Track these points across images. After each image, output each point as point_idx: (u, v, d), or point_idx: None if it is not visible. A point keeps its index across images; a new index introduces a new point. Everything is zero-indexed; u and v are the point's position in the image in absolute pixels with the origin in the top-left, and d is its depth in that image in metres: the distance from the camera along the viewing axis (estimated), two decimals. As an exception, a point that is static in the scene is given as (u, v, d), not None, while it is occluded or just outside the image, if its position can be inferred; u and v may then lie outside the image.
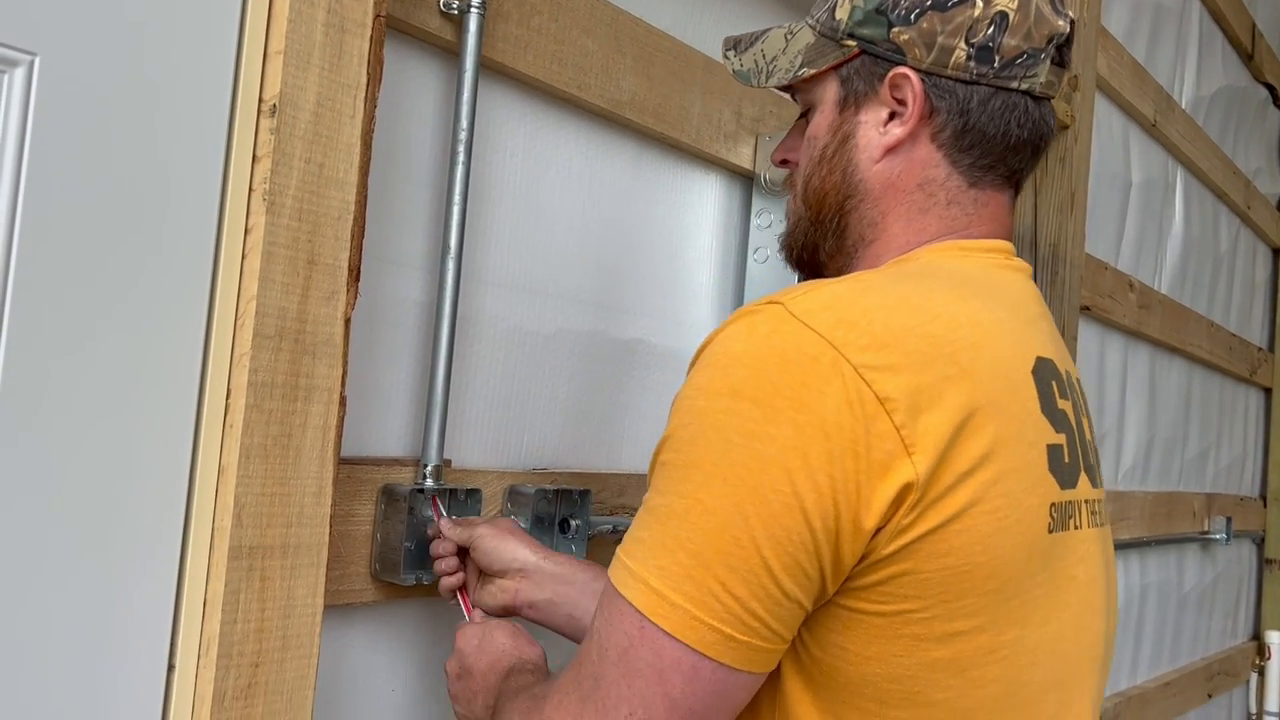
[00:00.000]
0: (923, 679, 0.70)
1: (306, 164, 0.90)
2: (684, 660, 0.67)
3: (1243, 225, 3.70)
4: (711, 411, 0.69)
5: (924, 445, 0.67)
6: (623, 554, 0.72)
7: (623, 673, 0.68)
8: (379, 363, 1.09)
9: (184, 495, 0.86)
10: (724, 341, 0.72)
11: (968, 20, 0.80)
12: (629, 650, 0.68)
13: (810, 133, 0.87)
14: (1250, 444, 3.91)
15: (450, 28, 1.11)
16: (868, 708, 0.71)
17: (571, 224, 1.30)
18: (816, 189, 0.86)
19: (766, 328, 0.71)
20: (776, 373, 0.68)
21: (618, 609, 0.69)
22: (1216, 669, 3.45)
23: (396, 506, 1.05)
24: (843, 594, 0.70)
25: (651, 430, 1.42)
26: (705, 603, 0.67)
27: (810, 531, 0.67)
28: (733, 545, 0.66)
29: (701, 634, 0.67)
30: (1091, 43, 2.25)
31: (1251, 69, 3.67)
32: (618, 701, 0.68)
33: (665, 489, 0.70)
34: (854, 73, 0.84)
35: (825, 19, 0.85)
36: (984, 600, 0.70)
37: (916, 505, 0.67)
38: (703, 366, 0.73)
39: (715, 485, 0.67)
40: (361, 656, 1.09)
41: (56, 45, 0.77)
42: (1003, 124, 0.81)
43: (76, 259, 0.79)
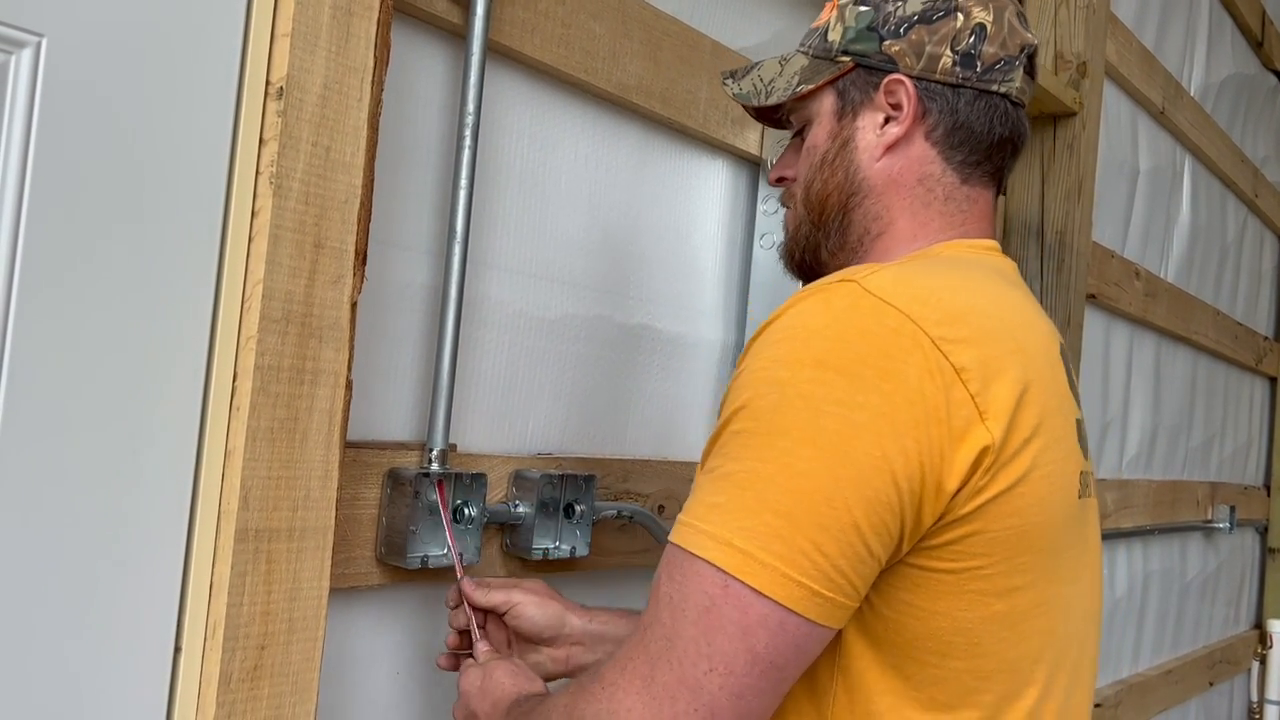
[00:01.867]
0: (981, 631, 0.76)
1: (313, 147, 0.90)
2: (771, 616, 0.70)
3: (1250, 213, 3.69)
4: (795, 381, 0.73)
5: (995, 412, 0.74)
6: (694, 520, 0.74)
7: (702, 630, 0.70)
8: (385, 347, 1.09)
9: (190, 478, 0.86)
10: (800, 315, 0.76)
11: (951, 31, 0.88)
12: (710, 609, 0.70)
13: (810, 143, 0.94)
14: (1255, 433, 3.91)
15: (457, 11, 1.11)
16: (929, 660, 0.76)
17: (578, 209, 1.30)
18: (819, 192, 0.92)
19: (844, 302, 0.75)
20: (860, 344, 0.73)
21: (695, 571, 0.72)
22: (1218, 657, 3.46)
23: (402, 490, 1.05)
24: (914, 553, 0.74)
25: (657, 415, 1.42)
26: (795, 561, 0.70)
27: (898, 493, 0.71)
28: (825, 506, 0.70)
29: (790, 590, 0.70)
30: (1100, 29, 2.24)
31: (1261, 56, 3.65)
32: (696, 658, 0.70)
33: (743, 455, 0.73)
34: (850, 84, 0.91)
35: (817, 43, 0.94)
36: (1036, 558, 0.77)
37: (991, 468, 0.73)
38: (778, 341, 0.76)
39: (806, 450, 0.71)
40: (367, 639, 1.09)
41: (63, 27, 0.77)
42: (987, 122, 0.89)
43: (83, 242, 0.79)
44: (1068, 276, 2.15)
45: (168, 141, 0.83)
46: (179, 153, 0.84)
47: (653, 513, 1.37)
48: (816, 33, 0.95)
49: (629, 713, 0.72)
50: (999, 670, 0.78)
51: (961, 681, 0.77)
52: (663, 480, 1.40)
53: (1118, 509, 2.71)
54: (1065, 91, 2.12)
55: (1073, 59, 2.18)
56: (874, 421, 0.71)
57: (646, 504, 1.37)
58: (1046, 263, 2.16)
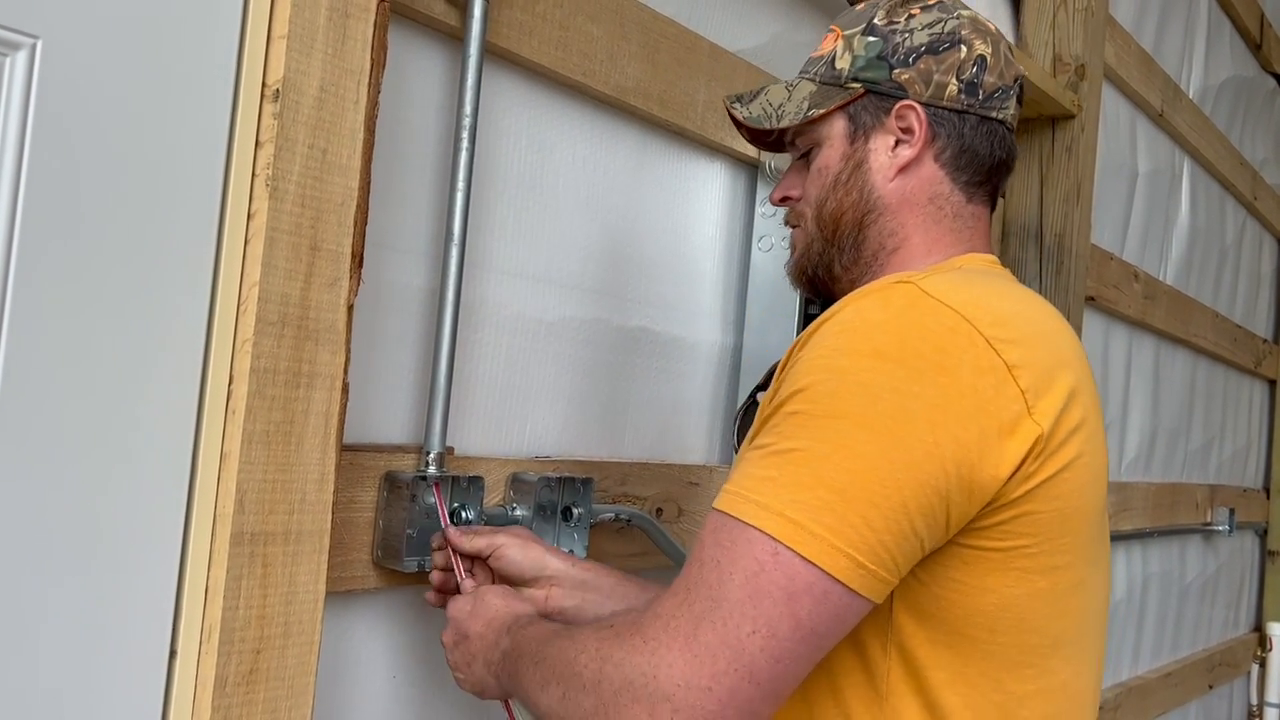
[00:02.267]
0: (1026, 607, 0.81)
1: (310, 149, 0.89)
2: (817, 584, 0.74)
3: (1249, 216, 3.68)
4: (855, 370, 0.78)
5: (1042, 408, 0.79)
6: (745, 491, 0.77)
7: (749, 594, 0.74)
8: (382, 349, 1.08)
9: (186, 481, 0.86)
10: (860, 311, 0.82)
11: (956, 61, 0.95)
12: (759, 574, 0.74)
13: (820, 164, 0.99)
14: (1254, 435, 3.90)
15: (455, 13, 1.10)
16: (978, 635, 0.81)
17: (575, 211, 1.30)
18: (833, 210, 0.97)
19: (903, 300, 0.81)
20: (917, 339, 0.78)
21: (745, 538, 0.75)
22: (1218, 660, 3.45)
23: (399, 493, 1.04)
24: (964, 534, 0.79)
25: (655, 418, 1.42)
26: (844, 533, 0.74)
27: (947, 480, 0.76)
28: (877, 485, 0.74)
29: (837, 560, 0.74)
30: (1099, 31, 2.24)
31: (1260, 59, 3.65)
32: (740, 620, 0.74)
33: (799, 435, 0.77)
34: (861, 109, 0.97)
35: (824, 71, 0.99)
36: (1075, 540, 0.83)
37: (1040, 455, 0.79)
38: (838, 333, 0.81)
39: (861, 433, 0.75)
40: (363, 643, 1.09)
41: (59, 28, 0.77)
42: (988, 146, 0.96)
43: (78, 244, 0.79)
44: (1066, 279, 2.15)
45: (163, 144, 0.83)
46: (174, 155, 0.84)
47: (651, 516, 1.37)
48: (821, 60, 1.00)
49: (669, 667, 0.74)
50: (1043, 645, 0.83)
51: (1009, 655, 0.81)
52: (661, 483, 1.40)
53: (1117, 511, 2.71)
54: (1064, 94, 2.12)
55: (1071, 61, 2.18)
56: (928, 410, 0.76)
57: (644, 507, 1.37)
58: (1045, 265, 2.16)
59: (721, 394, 1.53)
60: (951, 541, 0.79)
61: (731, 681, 0.73)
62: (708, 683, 0.73)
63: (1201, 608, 3.41)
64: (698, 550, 0.79)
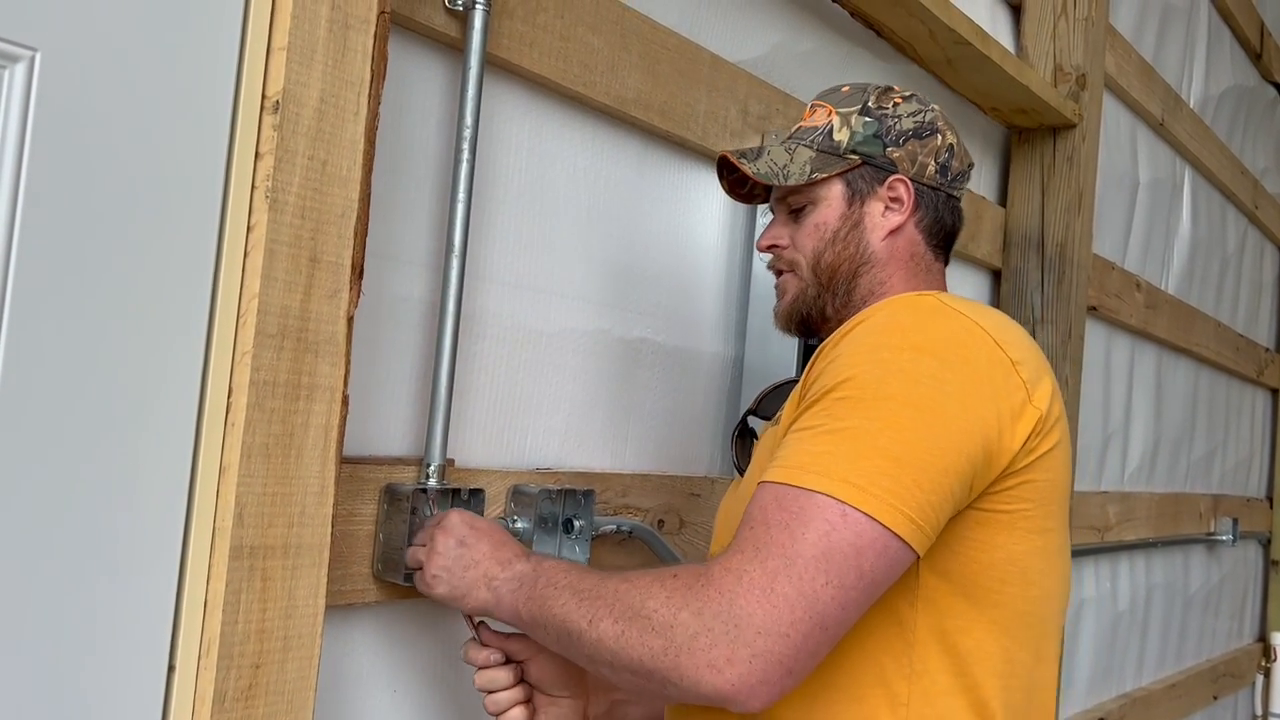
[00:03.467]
0: (1027, 562, 0.95)
1: (309, 161, 0.89)
2: (879, 540, 0.85)
3: (1250, 225, 3.68)
4: (896, 361, 0.91)
5: (1039, 395, 0.95)
6: (805, 465, 0.88)
7: (821, 551, 0.84)
8: (382, 361, 1.08)
9: (185, 495, 0.85)
10: (894, 315, 0.97)
11: (935, 147, 1.13)
12: (830, 534, 0.84)
13: (817, 221, 1.12)
14: (1257, 445, 3.90)
15: (455, 24, 1.10)
16: (991, 585, 0.94)
17: (576, 222, 1.30)
18: (830, 261, 1.11)
19: (928, 308, 0.97)
20: (944, 337, 0.94)
21: (813, 503, 0.85)
22: (1222, 671, 3.44)
23: (399, 506, 1.04)
24: (980, 499, 0.93)
25: (657, 429, 1.41)
26: (900, 495, 0.86)
27: (975, 450, 0.90)
28: (925, 454, 0.87)
29: (896, 518, 0.85)
30: (1099, 41, 2.24)
31: (1260, 68, 3.65)
32: (815, 574, 0.83)
33: (850, 416, 0.89)
34: (858, 177, 1.11)
35: (822, 141, 1.12)
36: (1059, 509, 0.99)
37: (1039, 433, 0.94)
38: (877, 331, 0.95)
39: (908, 411, 0.88)
40: (363, 657, 1.08)
41: (57, 41, 0.76)
42: (952, 219, 1.15)
43: (77, 256, 0.78)
44: (1068, 288, 2.14)
45: (163, 156, 0.83)
46: (174, 167, 0.83)
47: (652, 527, 1.36)
48: (817, 131, 1.13)
49: (750, 616, 0.82)
50: (1040, 598, 0.97)
51: (1015, 606, 0.95)
52: (662, 495, 1.39)
53: (1120, 521, 2.70)
54: (1064, 104, 2.12)
55: (1072, 71, 2.18)
56: (960, 393, 0.91)
57: (646, 519, 1.36)
58: (1047, 275, 2.15)
59: (723, 405, 1.52)
60: (970, 506, 0.92)
61: (806, 628, 0.82)
62: (785, 629, 0.82)
63: (1205, 618, 3.40)
64: (759, 516, 0.87)
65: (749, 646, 0.81)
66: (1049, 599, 0.98)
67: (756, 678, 0.81)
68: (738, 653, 0.81)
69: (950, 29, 1.74)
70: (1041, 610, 0.98)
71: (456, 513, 1.02)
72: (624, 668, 0.87)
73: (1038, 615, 0.97)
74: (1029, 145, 2.20)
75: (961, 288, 2.06)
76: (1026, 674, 0.97)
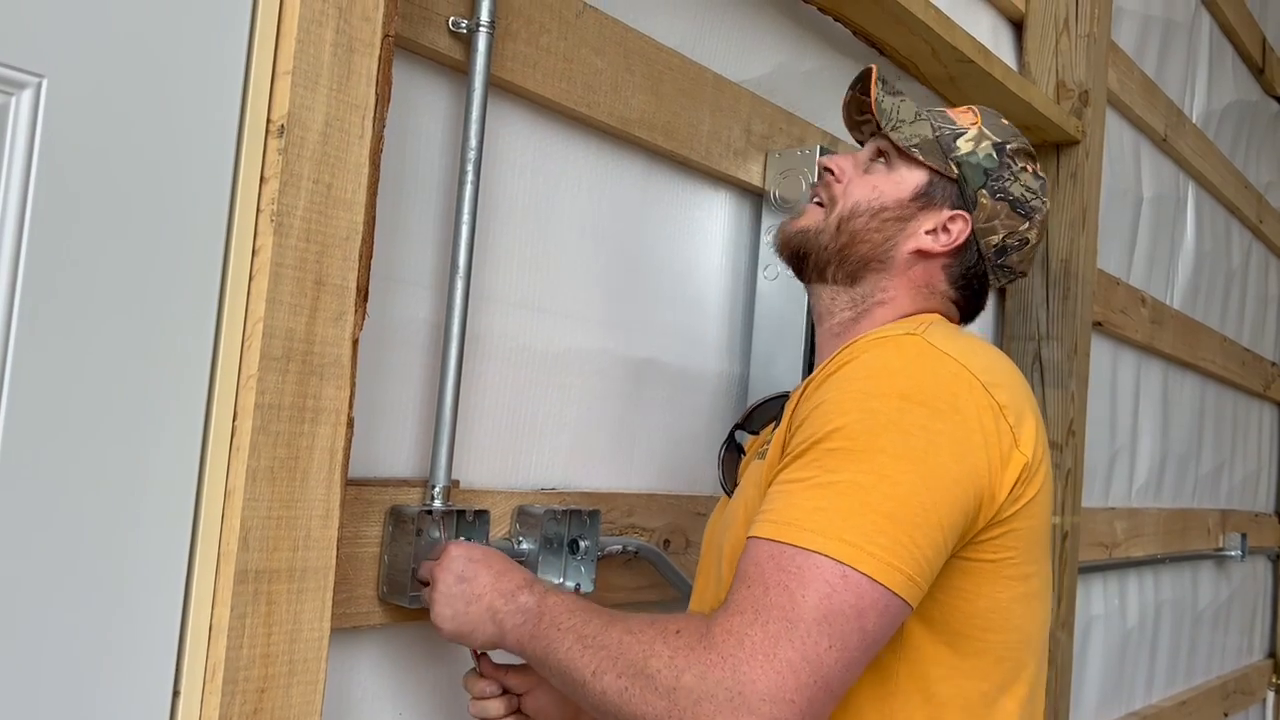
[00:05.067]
0: (1010, 608, 0.95)
1: (315, 184, 0.89)
2: (879, 600, 0.84)
3: (1255, 239, 3.68)
4: (886, 410, 0.89)
5: (1024, 440, 0.94)
6: (798, 521, 0.86)
7: (823, 614, 0.82)
8: (387, 382, 1.08)
9: (190, 518, 0.85)
10: (878, 359, 0.94)
11: (1015, 226, 1.10)
12: (831, 595, 0.83)
13: (879, 182, 1.09)
14: (1265, 459, 3.88)
15: (459, 47, 1.11)
16: (974, 634, 0.94)
17: (581, 242, 1.30)
18: (857, 230, 1.08)
19: (914, 350, 0.94)
20: (932, 384, 0.91)
21: (811, 564, 0.84)
22: (1232, 687, 3.41)
23: (404, 528, 1.04)
24: (965, 548, 0.92)
25: (662, 448, 1.41)
26: (896, 552, 0.84)
27: (968, 501, 0.89)
28: (918, 509, 0.86)
29: (894, 576, 0.84)
30: (1101, 58, 2.25)
31: (1262, 83, 3.65)
32: (818, 637, 0.82)
33: (842, 469, 0.87)
34: (940, 185, 1.09)
35: (946, 135, 1.10)
36: (1040, 553, 0.98)
37: (1025, 480, 0.93)
38: (864, 377, 0.92)
39: (900, 464, 0.86)
40: (368, 679, 1.08)
41: (63, 67, 0.77)
42: (979, 289, 1.13)
43: (83, 280, 0.78)
44: (1073, 304, 2.14)
45: (168, 180, 0.83)
46: (179, 191, 0.84)
47: (658, 547, 1.36)
48: (951, 125, 1.11)
49: (753, 683, 0.80)
50: (1020, 643, 0.97)
51: (996, 653, 0.95)
52: (668, 515, 1.39)
53: (1128, 538, 2.69)
54: (1068, 120, 2.12)
55: (1074, 88, 2.18)
56: (950, 444, 0.89)
57: (652, 539, 1.36)
58: (1052, 290, 2.15)
59: (728, 424, 1.52)
60: (955, 556, 0.91)
61: (811, 692, 0.81)
62: (791, 695, 0.80)
63: (1215, 634, 3.38)
64: (755, 575, 0.85)
65: (754, 713, 0.80)
66: (1028, 643, 0.98)
67: None
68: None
69: (953, 47, 1.74)
70: (1021, 655, 0.97)
71: (454, 545, 1.01)
72: None
73: (1017, 660, 0.97)
74: (1032, 162, 2.20)
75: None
76: (1005, 716, 0.96)
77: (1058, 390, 2.13)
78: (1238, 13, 3.30)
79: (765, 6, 1.57)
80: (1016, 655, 0.97)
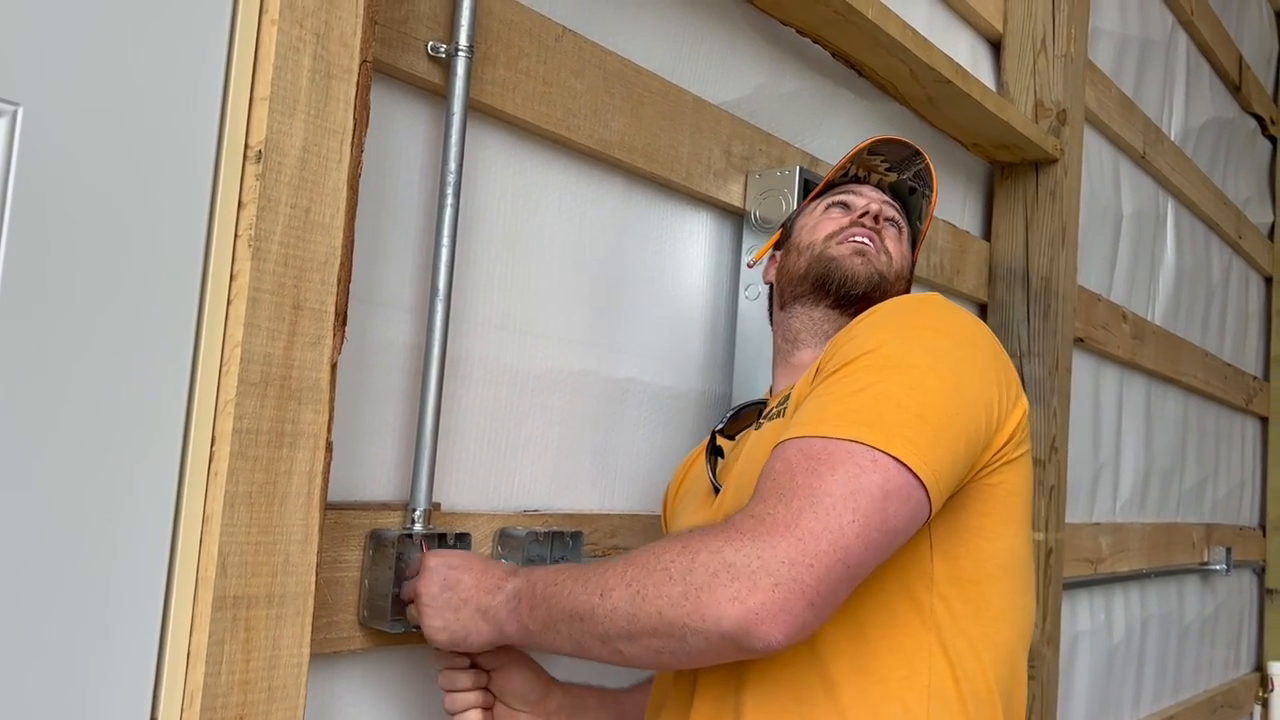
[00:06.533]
0: (1024, 553, 1.01)
1: (292, 209, 0.90)
2: (905, 485, 0.86)
3: (1235, 255, 3.71)
4: (917, 337, 0.96)
5: (1024, 394, 1.01)
6: (832, 418, 0.89)
7: (850, 491, 0.84)
8: (367, 405, 1.08)
9: (168, 544, 0.85)
10: (910, 301, 1.03)
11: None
12: (859, 475, 0.85)
13: (905, 251, 1.24)
14: (1248, 473, 3.90)
15: (438, 71, 1.11)
16: (995, 574, 0.98)
17: (562, 264, 1.30)
18: (903, 287, 1.23)
19: (938, 300, 1.03)
20: (959, 324, 1.00)
21: (843, 450, 0.86)
22: (1219, 701, 3.42)
23: (384, 552, 1.03)
24: (979, 489, 0.96)
25: (646, 469, 1.41)
26: (923, 448, 0.88)
27: (984, 422, 0.94)
28: (945, 417, 0.90)
29: (922, 468, 0.87)
30: (1079, 77, 2.27)
31: (1240, 100, 3.69)
32: (842, 510, 0.84)
33: (874, 380, 0.91)
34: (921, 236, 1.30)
35: (927, 195, 1.27)
36: (1031, 509, 1.04)
37: (1023, 429, 0.99)
38: (897, 313, 1.00)
39: (929, 378, 0.92)
40: (349, 705, 1.07)
41: (39, 95, 0.77)
42: None
43: (60, 307, 0.78)
44: (1054, 321, 2.15)
45: (145, 206, 0.83)
46: (157, 217, 0.84)
47: (641, 568, 1.35)
48: (928, 183, 1.27)
49: (773, 548, 0.82)
50: (1028, 586, 1.02)
51: (1013, 599, 0.99)
52: (652, 535, 1.39)
53: (1113, 553, 2.69)
54: (1045, 139, 2.14)
55: (1052, 107, 2.20)
56: (973, 371, 0.96)
57: (635, 559, 1.36)
58: (1032, 307, 2.17)
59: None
60: (971, 495, 0.96)
61: (829, 560, 0.82)
62: (810, 560, 0.81)
63: (1201, 648, 3.38)
64: (782, 468, 0.87)
65: (771, 575, 0.80)
66: (1032, 592, 1.04)
67: (779, 605, 0.80)
68: (760, 582, 0.80)
69: (930, 68, 1.76)
70: (1029, 604, 1.02)
71: (432, 556, 1.01)
72: (641, 631, 0.85)
73: (1026, 609, 1.02)
74: (1011, 180, 2.22)
75: (948, 322, 2.07)
76: (1016, 664, 1.00)
77: (1040, 407, 2.14)
78: (1214, 31, 3.34)
79: (744, 29, 1.58)
80: (1024, 601, 1.01)
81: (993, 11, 2.20)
